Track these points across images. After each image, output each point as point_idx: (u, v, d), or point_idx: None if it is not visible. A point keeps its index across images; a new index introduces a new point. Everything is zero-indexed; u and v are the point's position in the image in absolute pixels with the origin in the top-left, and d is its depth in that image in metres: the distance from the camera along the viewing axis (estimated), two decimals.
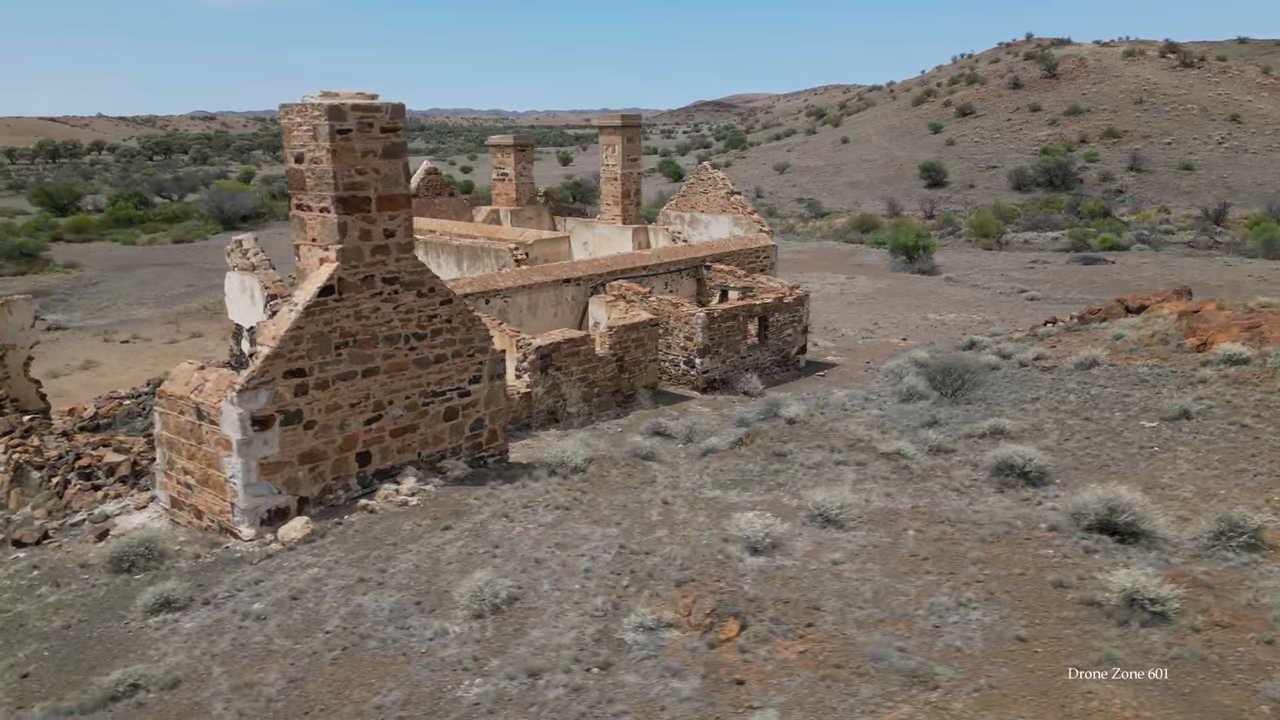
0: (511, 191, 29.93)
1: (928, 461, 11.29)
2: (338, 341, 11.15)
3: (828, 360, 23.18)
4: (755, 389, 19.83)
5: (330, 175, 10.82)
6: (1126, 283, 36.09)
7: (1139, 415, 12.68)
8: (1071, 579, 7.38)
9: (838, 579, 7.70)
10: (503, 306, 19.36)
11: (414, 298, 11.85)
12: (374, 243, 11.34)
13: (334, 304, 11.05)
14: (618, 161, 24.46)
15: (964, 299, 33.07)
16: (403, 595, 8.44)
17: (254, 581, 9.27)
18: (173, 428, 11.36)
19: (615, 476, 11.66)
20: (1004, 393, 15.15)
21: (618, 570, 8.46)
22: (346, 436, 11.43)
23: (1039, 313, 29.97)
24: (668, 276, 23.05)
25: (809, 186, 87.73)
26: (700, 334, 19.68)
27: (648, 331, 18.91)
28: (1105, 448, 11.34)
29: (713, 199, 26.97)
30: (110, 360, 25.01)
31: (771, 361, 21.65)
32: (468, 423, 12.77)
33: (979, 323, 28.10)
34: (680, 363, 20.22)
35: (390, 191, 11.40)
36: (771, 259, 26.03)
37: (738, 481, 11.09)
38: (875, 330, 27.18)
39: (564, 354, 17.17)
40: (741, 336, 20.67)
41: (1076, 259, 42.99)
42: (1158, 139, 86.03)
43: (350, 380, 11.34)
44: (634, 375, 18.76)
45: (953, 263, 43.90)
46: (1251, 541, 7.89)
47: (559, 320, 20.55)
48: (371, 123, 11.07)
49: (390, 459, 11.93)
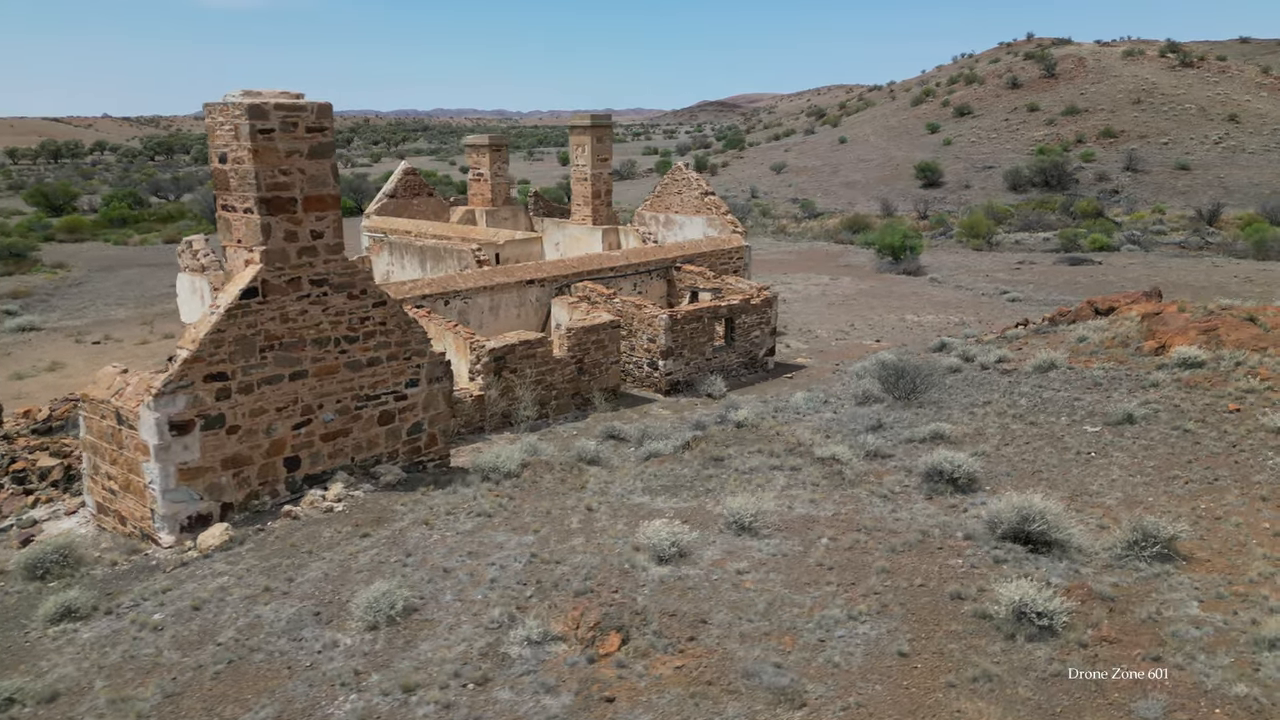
0: (487, 192, 29.79)
1: (862, 466, 11.11)
2: (262, 344, 10.99)
3: (797, 362, 22.99)
4: (719, 391, 19.65)
5: (253, 176, 10.67)
6: (1111, 284, 35.86)
7: (1084, 420, 12.48)
8: (971, 590, 7.20)
9: (736, 589, 7.52)
10: (463, 308, 19.21)
11: (345, 300, 11.69)
12: (300, 244, 11.18)
13: (258, 306, 10.89)
14: (587, 161, 24.29)
15: (945, 300, 32.86)
16: (304, 606, 8.28)
17: (161, 591, 9.11)
18: (96, 432, 11.21)
19: (547, 482, 11.49)
20: (958, 396, 14.96)
21: (524, 580, 8.29)
22: (273, 441, 11.27)
23: (1018, 314, 29.76)
24: (636, 278, 22.88)
25: (805, 187, 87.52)
26: (663, 336, 19.51)
27: (609, 333, 18.74)
28: (1043, 453, 11.15)
29: (687, 199, 26.80)
30: (78, 362, 24.89)
31: (738, 363, 21.47)
32: (405, 427, 12.60)
33: (955, 324, 27.89)
34: (644, 365, 20.05)
35: (317, 192, 11.25)
36: (745, 260, 25.86)
37: (668, 487, 10.92)
38: (850, 332, 26.99)
39: (519, 356, 17.01)
40: (707, 338, 20.49)
41: (1063, 260, 42.74)
42: (1155, 139, 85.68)
43: (277, 384, 11.19)
44: (594, 378, 18.59)
45: (939, 263, 43.66)
46: (1165, 552, 7.70)
47: (522, 322, 20.39)
48: (296, 122, 10.91)
49: (321, 463, 11.77)
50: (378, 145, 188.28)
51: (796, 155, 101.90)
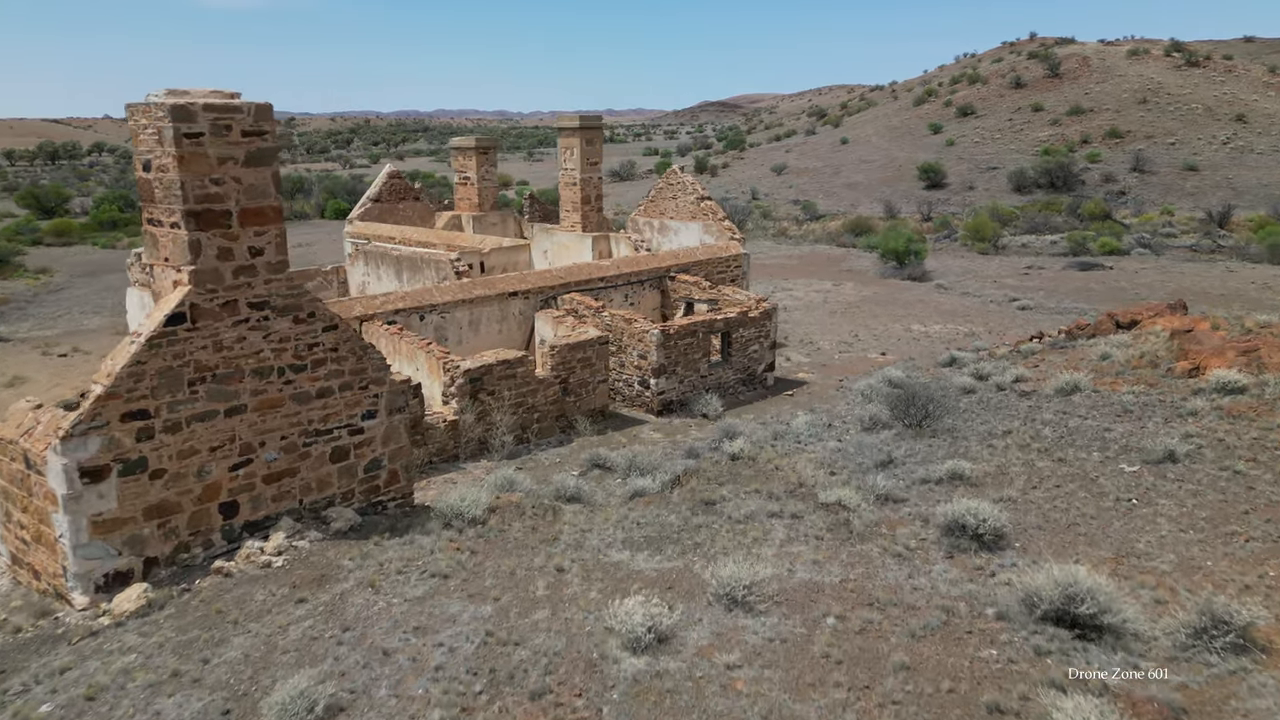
0: (474, 196, 28.49)
1: (872, 515, 9.80)
2: (192, 377, 9.70)
3: (799, 378, 21.68)
4: (714, 411, 18.36)
5: (179, 186, 9.38)
6: (1124, 290, 34.57)
7: (1119, 456, 11.17)
8: (1012, 700, 5.90)
9: (724, 694, 6.22)
10: (440, 323, 17.91)
11: (289, 324, 10.39)
12: (236, 263, 9.89)
13: (186, 334, 9.60)
14: (576, 165, 22.96)
15: (952, 308, 31.54)
16: (212, 699, 6.99)
17: (59, 671, 7.82)
18: (6, 475, 9.92)
19: (516, 531, 10.19)
20: (974, 423, 13.65)
21: (475, 669, 7.00)
22: (207, 485, 9.97)
23: (1030, 323, 28.46)
24: (628, 288, 21.59)
25: (806, 188, 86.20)
26: (655, 352, 18.21)
27: (595, 350, 17.43)
28: (1077, 499, 9.84)
29: (682, 204, 25.50)
30: (41, 376, 23.62)
31: (736, 380, 20.16)
32: (361, 464, 11.31)
33: (964, 335, 26.57)
34: (634, 383, 18.74)
35: (256, 204, 9.95)
36: (743, 268, 24.55)
37: (652, 539, 9.61)
38: (854, 343, 25.68)
39: (497, 377, 15.71)
40: (702, 354, 19.18)
41: (1073, 264, 41.40)
42: (1161, 139, 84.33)
43: (210, 420, 9.89)
44: (580, 398, 17.29)
45: (945, 268, 42.34)
46: (1239, 642, 6.40)
47: (504, 337, 19.09)
48: (229, 125, 9.61)
49: (264, 508, 10.47)
50: (377, 146, 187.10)
51: (798, 156, 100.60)
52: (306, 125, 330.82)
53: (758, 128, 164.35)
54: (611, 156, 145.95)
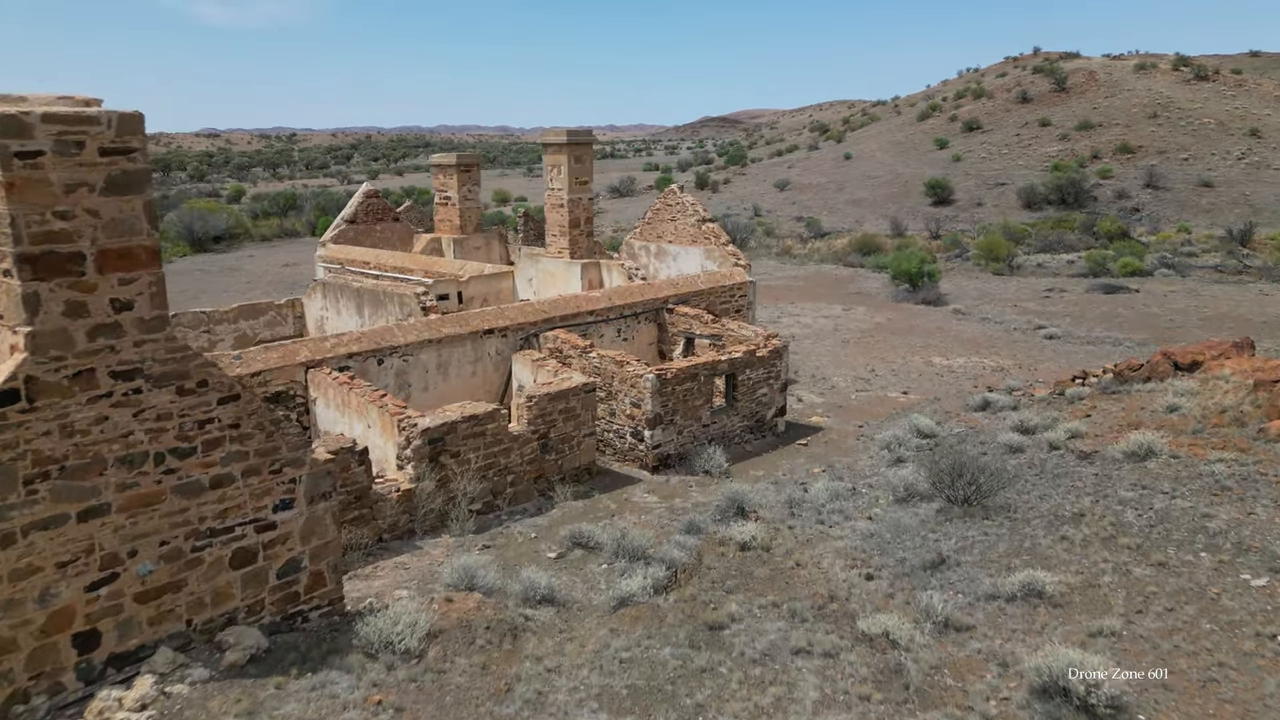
0: (455, 218, 26.18)
1: (932, 655, 7.40)
2: (29, 473, 7.32)
3: (812, 422, 19.29)
4: (718, 467, 15.96)
5: (8, 222, 7.03)
6: (1155, 316, 32.23)
7: (1235, 560, 8.76)
8: None
9: None
10: (402, 368, 15.55)
11: (171, 397, 8.02)
12: (93, 320, 7.52)
13: (20, 417, 7.23)
14: (564, 185, 20.63)
15: (974, 337, 29.17)
16: None
17: None
18: None
19: (460, 671, 7.78)
20: (1034, 498, 11.26)
21: None
22: (54, 613, 7.58)
23: (1060, 355, 26.08)
24: (621, 323, 19.23)
25: (810, 204, 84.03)
26: (649, 400, 15.81)
27: (581, 399, 15.05)
28: (1202, 635, 7.43)
29: (682, 227, 23.18)
30: None
31: (742, 428, 17.77)
32: (273, 568, 8.92)
33: (992, 370, 24.19)
34: (626, 434, 16.35)
35: (121, 243, 7.59)
36: (748, 297, 22.22)
37: (639, 694, 7.21)
38: (872, 379, 23.29)
39: (462, 436, 13.32)
40: (704, 400, 16.80)
41: (1096, 287, 39.06)
42: (1174, 154, 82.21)
43: (57, 528, 7.51)
44: (562, 456, 14.89)
45: (960, 291, 40.01)
46: None
47: (479, 381, 16.72)
48: (82, 141, 7.27)
49: (136, 635, 8.07)
50: (377, 162, 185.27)
51: (800, 172, 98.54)
52: (307, 141, 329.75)
53: (759, 143, 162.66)
54: (612, 172, 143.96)
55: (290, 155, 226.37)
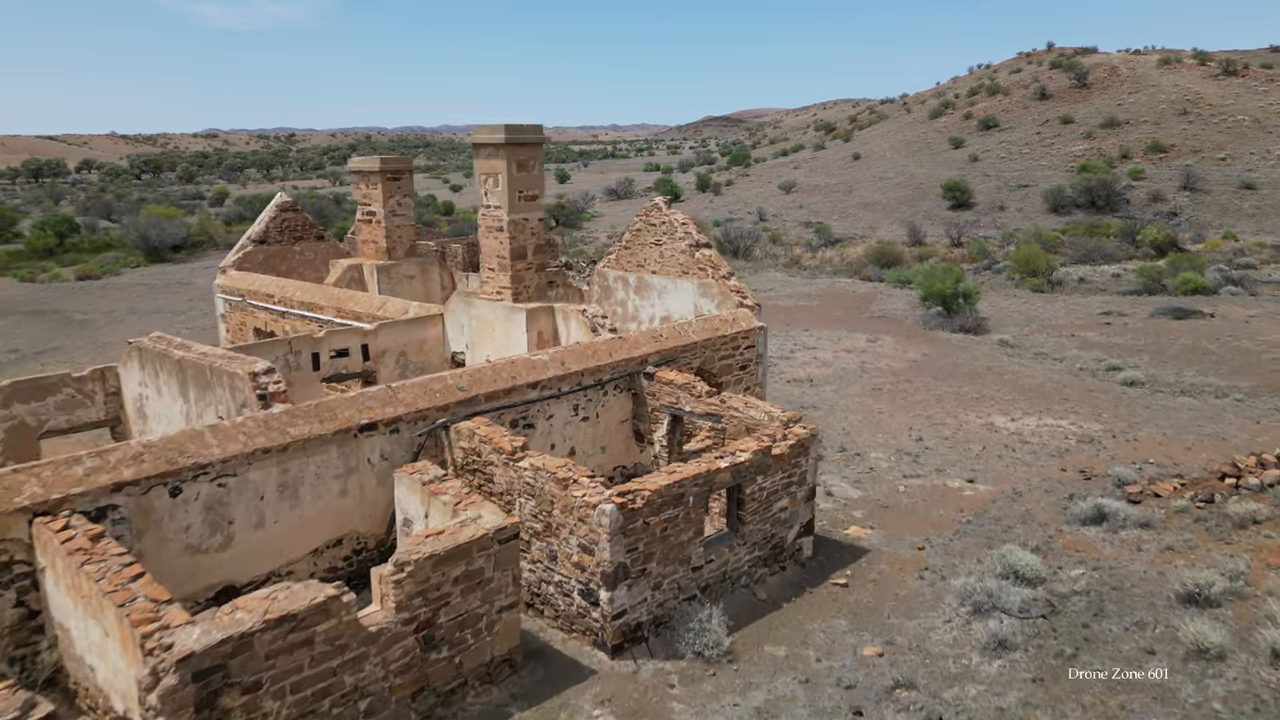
0: (381, 238, 20.46)
1: None
2: None
3: (849, 537, 13.59)
4: (715, 643, 10.29)
5: None
6: (1250, 352, 26.43)
7: None
8: None
9: None
10: (217, 499, 9.83)
11: None
12: None
13: None
14: (503, 202, 14.83)
15: (1035, 382, 23.40)
16: None
17: None
18: None
19: None
20: None
21: None
22: None
23: (1158, 414, 20.29)
24: (579, 396, 13.54)
25: (818, 208, 78.19)
26: (608, 545, 10.09)
27: (490, 557, 9.33)
28: None
29: (669, 253, 17.46)
30: None
31: (752, 560, 12.07)
32: None
33: (1078, 440, 18.42)
34: (573, 592, 10.64)
35: None
36: (757, 349, 16.51)
37: None
38: (921, 455, 17.53)
39: (266, 654, 7.60)
40: (693, 533, 11.08)
41: (1162, 310, 33.26)
42: (1210, 154, 76.31)
43: None
44: (461, 650, 9.19)
45: (1001, 314, 34.27)
46: None
47: (352, 505, 11.03)
48: None
49: None
50: None
51: (806, 173, 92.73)
52: (305, 141, 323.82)
53: (762, 142, 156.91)
54: (611, 173, 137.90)
55: (286, 156, 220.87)
